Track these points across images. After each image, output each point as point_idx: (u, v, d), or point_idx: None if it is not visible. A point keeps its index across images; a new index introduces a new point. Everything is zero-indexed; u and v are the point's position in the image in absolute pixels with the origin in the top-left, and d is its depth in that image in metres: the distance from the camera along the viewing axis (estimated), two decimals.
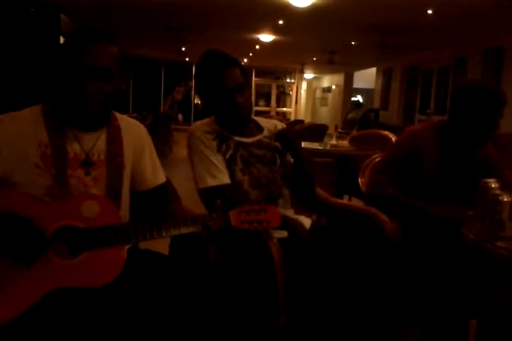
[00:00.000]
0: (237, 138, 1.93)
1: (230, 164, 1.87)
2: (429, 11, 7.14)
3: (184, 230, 1.32)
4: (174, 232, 1.31)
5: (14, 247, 1.22)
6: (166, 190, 1.62)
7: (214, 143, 1.89)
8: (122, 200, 1.45)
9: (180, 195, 2.03)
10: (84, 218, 1.28)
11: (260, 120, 2.10)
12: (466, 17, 7.30)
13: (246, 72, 1.94)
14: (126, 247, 1.33)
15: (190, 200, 2.11)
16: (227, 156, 1.88)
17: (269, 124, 2.08)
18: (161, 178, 1.59)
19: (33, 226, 1.22)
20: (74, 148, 1.38)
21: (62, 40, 8.75)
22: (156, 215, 1.46)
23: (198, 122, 2.03)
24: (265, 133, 2.02)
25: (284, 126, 2.13)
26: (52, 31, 8.02)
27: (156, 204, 1.55)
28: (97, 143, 1.41)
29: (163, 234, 1.31)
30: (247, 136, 1.97)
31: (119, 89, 1.39)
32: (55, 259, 1.24)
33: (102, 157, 1.41)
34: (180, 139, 10.02)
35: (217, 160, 1.85)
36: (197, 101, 19.29)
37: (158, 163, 1.60)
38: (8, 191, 1.31)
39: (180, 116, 18.22)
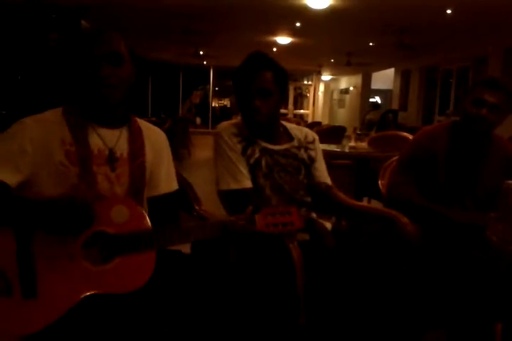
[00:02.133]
0: (263, 144, 1.90)
1: (253, 169, 1.85)
2: (449, 11, 7.07)
3: (210, 235, 1.34)
4: (200, 237, 1.33)
5: (62, 218, 1.22)
6: (176, 199, 1.62)
7: (239, 146, 1.86)
8: (144, 199, 1.48)
9: (200, 198, 2.05)
10: (114, 224, 1.29)
11: (291, 127, 2.04)
12: (486, 16, 7.22)
13: (284, 79, 1.87)
14: None
15: (210, 203, 2.13)
16: (252, 161, 1.86)
17: (300, 133, 2.02)
18: (174, 186, 1.61)
19: (79, 200, 1.24)
20: (97, 144, 1.41)
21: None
22: (164, 221, 1.46)
23: (226, 122, 1.99)
24: (294, 142, 1.98)
25: (315, 134, 2.07)
26: (73, 37, 8.14)
27: (164, 211, 1.55)
28: (119, 140, 1.45)
29: (190, 239, 1.34)
30: (275, 143, 1.93)
31: (133, 78, 1.45)
32: (88, 265, 1.26)
33: (125, 155, 1.45)
34: (198, 142, 10.08)
35: (241, 164, 1.83)
36: (214, 104, 19.39)
37: (173, 170, 1.62)
38: (42, 196, 1.31)
39: (198, 120, 18.31)
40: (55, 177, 1.34)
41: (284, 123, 2.02)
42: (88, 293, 1.23)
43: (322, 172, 2.01)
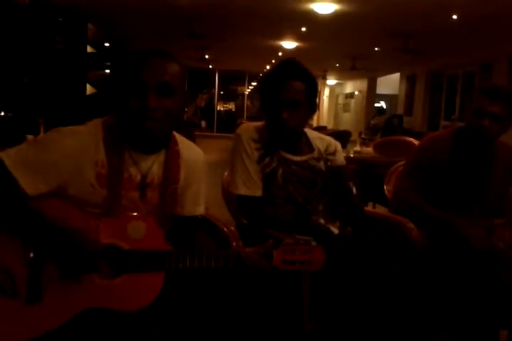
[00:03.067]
0: (283, 154, 1.84)
1: (268, 178, 1.81)
2: (454, 16, 7.07)
3: (223, 264, 1.29)
4: (213, 265, 1.28)
5: (68, 259, 1.21)
6: (198, 223, 1.56)
7: (256, 154, 1.81)
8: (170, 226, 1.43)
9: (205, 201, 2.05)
10: (129, 239, 1.26)
11: (313, 137, 1.95)
12: (491, 22, 7.21)
13: (314, 90, 1.80)
14: None
15: (215, 207, 2.13)
16: (268, 170, 1.81)
17: (322, 144, 1.94)
18: (200, 210, 1.53)
19: (88, 238, 1.21)
20: (129, 170, 1.34)
21: (89, 48, 8.94)
22: (182, 243, 1.44)
23: (248, 125, 1.93)
24: (315, 154, 1.90)
25: (338, 144, 1.99)
26: (79, 40, 8.21)
27: (184, 232, 1.50)
28: (153, 166, 1.38)
29: (202, 266, 1.28)
30: (294, 154, 1.86)
31: (182, 109, 1.37)
32: (95, 278, 1.23)
33: (156, 181, 1.38)
34: (203, 146, 10.08)
35: (254, 172, 1.79)
36: (220, 108, 19.43)
37: (203, 194, 1.54)
38: (63, 203, 1.28)
39: (203, 123, 18.36)
40: (81, 194, 1.29)
41: (307, 131, 1.95)
42: (89, 306, 1.21)
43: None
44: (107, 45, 10.55)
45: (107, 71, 10.04)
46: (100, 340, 1.23)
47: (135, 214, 1.33)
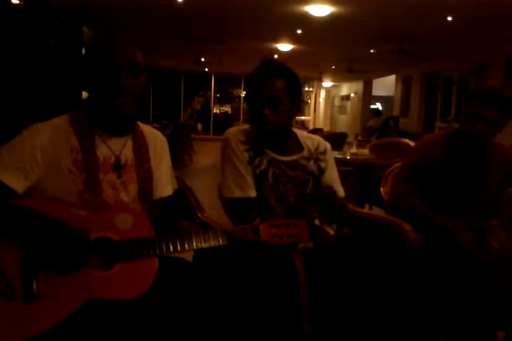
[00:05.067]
0: (272, 154, 1.85)
1: (259, 179, 1.82)
2: (449, 18, 7.09)
3: (213, 243, 1.35)
4: (204, 245, 1.34)
5: (59, 254, 1.23)
6: (171, 203, 1.62)
7: (246, 155, 1.82)
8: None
9: (202, 205, 2.04)
10: (117, 230, 1.31)
11: (303, 136, 1.97)
12: (487, 24, 7.24)
13: (297, 88, 1.82)
14: None
15: (212, 209, 2.13)
16: (258, 172, 1.82)
17: (312, 143, 1.95)
18: (168, 190, 1.60)
19: (77, 232, 1.24)
20: (103, 152, 1.42)
21: (84, 51, 8.92)
22: (161, 226, 1.47)
23: (235, 128, 1.94)
24: (304, 153, 1.91)
25: (328, 144, 2.00)
26: (75, 43, 8.19)
27: (159, 216, 1.54)
28: (124, 148, 1.47)
29: (194, 247, 1.34)
30: (283, 154, 1.87)
31: (146, 89, 1.46)
32: (91, 271, 1.26)
33: (130, 162, 1.46)
34: (199, 149, 10.08)
35: (247, 173, 1.80)
36: (216, 110, 19.43)
37: (172, 174, 1.63)
38: (46, 201, 1.33)
39: (199, 126, 18.32)
40: (62, 183, 1.35)
41: (296, 131, 1.96)
42: (89, 299, 1.23)
43: (332, 184, 1.94)
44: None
45: None
46: (103, 332, 1.24)
47: (121, 206, 1.40)
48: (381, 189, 2.51)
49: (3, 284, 1.21)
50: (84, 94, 9.00)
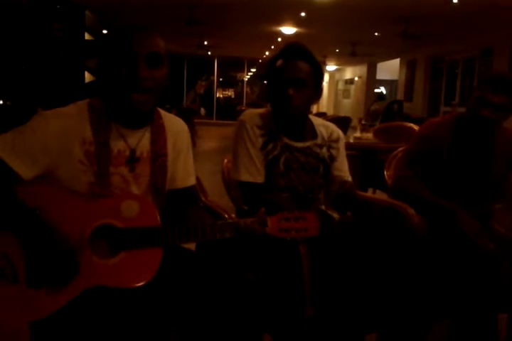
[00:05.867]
0: (286, 140, 1.82)
1: (270, 166, 1.79)
2: (455, 1, 7.01)
3: (219, 236, 1.32)
4: (209, 237, 1.31)
5: (44, 272, 1.22)
6: (193, 194, 1.59)
7: (260, 140, 1.79)
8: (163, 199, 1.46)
9: (206, 188, 2.06)
10: (123, 218, 1.28)
11: (317, 123, 1.93)
12: (492, 7, 7.15)
13: (319, 74, 1.79)
14: None
15: (215, 193, 2.14)
16: (270, 157, 1.80)
17: (326, 130, 1.93)
18: (191, 181, 1.56)
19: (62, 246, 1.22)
20: (117, 145, 1.37)
21: (87, 35, 8.87)
22: (177, 216, 1.46)
23: (252, 111, 1.90)
24: (318, 140, 1.89)
25: (341, 132, 1.97)
26: (77, 27, 8.16)
27: (179, 206, 1.52)
28: (141, 141, 1.41)
29: (199, 239, 1.31)
30: (298, 140, 1.84)
31: (168, 82, 1.39)
32: (94, 258, 1.25)
33: (145, 155, 1.41)
34: (202, 133, 10.08)
35: (258, 158, 1.78)
36: (219, 95, 19.36)
37: (192, 165, 1.57)
38: (52, 187, 1.31)
39: (202, 110, 18.32)
40: (73, 173, 1.32)
41: (311, 117, 1.94)
42: (91, 286, 1.23)
43: (343, 172, 1.93)
44: (104, 32, 10.48)
45: None
46: (107, 319, 1.25)
47: (127, 193, 1.36)
48: (385, 173, 2.51)
49: (7, 268, 1.21)
50: (88, 78, 9.00)
